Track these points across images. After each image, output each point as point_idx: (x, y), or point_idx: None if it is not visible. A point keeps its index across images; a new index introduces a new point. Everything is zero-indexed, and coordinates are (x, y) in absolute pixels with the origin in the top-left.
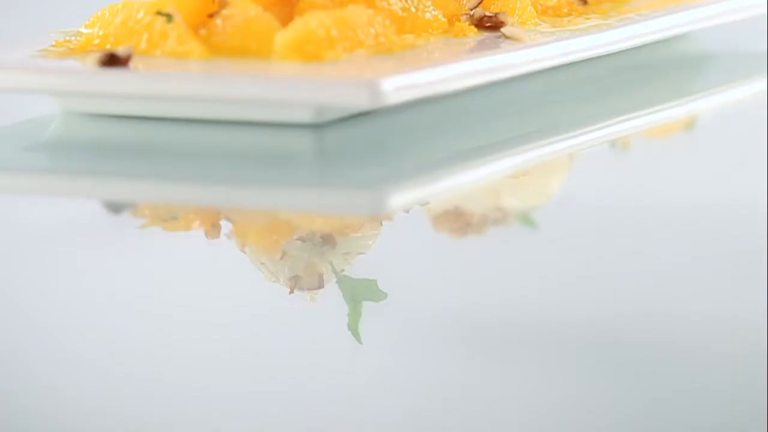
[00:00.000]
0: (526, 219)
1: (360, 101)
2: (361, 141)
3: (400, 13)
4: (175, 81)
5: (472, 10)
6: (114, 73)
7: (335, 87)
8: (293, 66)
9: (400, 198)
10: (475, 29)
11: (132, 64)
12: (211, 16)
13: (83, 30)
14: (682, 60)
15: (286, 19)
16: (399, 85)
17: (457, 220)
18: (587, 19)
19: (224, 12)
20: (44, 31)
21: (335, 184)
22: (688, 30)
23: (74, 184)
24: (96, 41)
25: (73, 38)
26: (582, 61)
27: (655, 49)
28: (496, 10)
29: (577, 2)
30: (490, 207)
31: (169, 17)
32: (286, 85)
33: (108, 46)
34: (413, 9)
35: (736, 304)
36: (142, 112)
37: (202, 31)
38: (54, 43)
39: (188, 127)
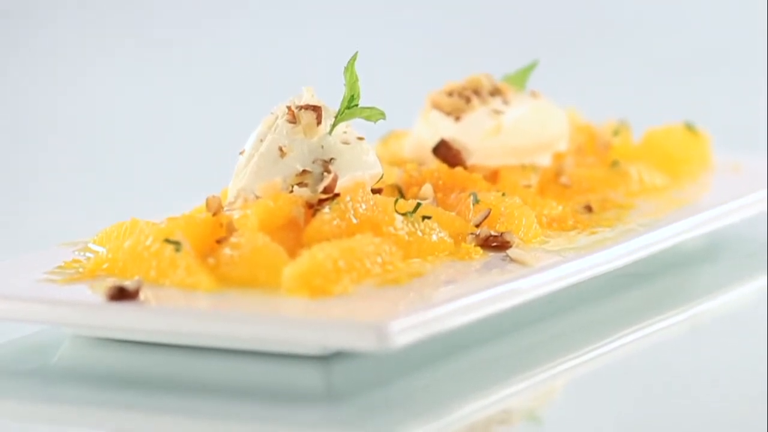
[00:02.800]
0: (531, 417)
1: (367, 345)
2: (368, 371)
3: (406, 238)
4: (182, 318)
5: (477, 226)
6: (123, 308)
7: (343, 330)
8: (301, 303)
9: None
10: (481, 250)
11: (141, 293)
12: (219, 241)
13: (92, 246)
14: (683, 258)
15: (293, 244)
16: (406, 327)
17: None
18: (592, 233)
19: (232, 239)
20: (52, 242)
21: (343, 427)
22: (691, 236)
23: (81, 414)
24: (105, 265)
25: (81, 255)
26: None
27: None
28: (502, 229)
29: (582, 210)
30: (495, 409)
31: (177, 245)
32: (293, 326)
33: (116, 271)
34: (419, 233)
35: None
36: (151, 340)
37: (211, 260)
38: (62, 263)
39: (197, 355)
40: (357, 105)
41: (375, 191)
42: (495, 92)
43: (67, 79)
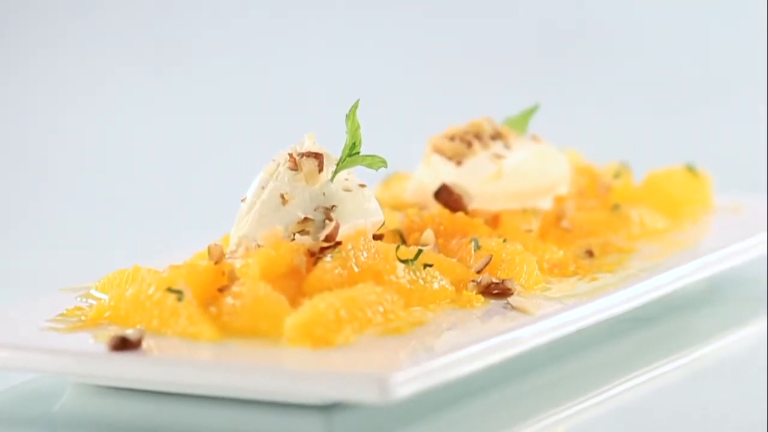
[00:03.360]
0: None
1: (369, 398)
2: (370, 420)
3: (408, 286)
4: (184, 369)
5: (478, 272)
6: (125, 358)
7: (344, 383)
8: (302, 354)
9: None
10: (482, 298)
11: (144, 343)
12: (221, 290)
13: (94, 292)
14: (684, 300)
15: (295, 293)
16: (408, 378)
17: None
18: (593, 279)
19: (234, 288)
20: (52, 286)
21: None
22: (692, 281)
23: None
24: (107, 313)
25: (83, 302)
26: None
27: None
28: (503, 276)
29: (583, 254)
30: None
31: (179, 295)
32: (294, 378)
33: (119, 319)
34: (421, 281)
35: None
36: (154, 389)
37: (213, 309)
38: (65, 311)
39: (200, 404)
40: (359, 152)
41: (376, 237)
42: (496, 136)
43: (68, 121)
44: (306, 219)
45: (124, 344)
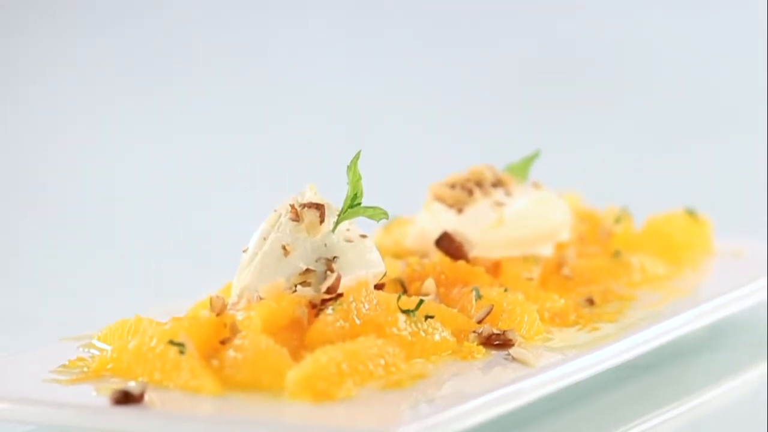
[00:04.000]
0: None
1: None
2: None
3: (409, 338)
4: (186, 424)
5: (479, 322)
6: (127, 412)
7: None
8: (304, 408)
9: None
10: (483, 349)
11: (146, 396)
12: (223, 342)
13: (96, 343)
14: (683, 347)
15: (297, 345)
16: None
17: None
18: (594, 329)
19: (236, 341)
20: (51, 334)
21: None
22: (692, 329)
23: None
24: (110, 365)
25: (86, 352)
26: None
27: None
28: (504, 326)
29: (584, 303)
30: None
31: (181, 348)
32: None
33: (121, 372)
34: (422, 333)
35: None
36: None
37: (215, 362)
38: (67, 362)
39: None
40: (360, 203)
41: (378, 286)
42: (497, 183)
43: (67, 166)
44: (308, 270)
45: (126, 398)
